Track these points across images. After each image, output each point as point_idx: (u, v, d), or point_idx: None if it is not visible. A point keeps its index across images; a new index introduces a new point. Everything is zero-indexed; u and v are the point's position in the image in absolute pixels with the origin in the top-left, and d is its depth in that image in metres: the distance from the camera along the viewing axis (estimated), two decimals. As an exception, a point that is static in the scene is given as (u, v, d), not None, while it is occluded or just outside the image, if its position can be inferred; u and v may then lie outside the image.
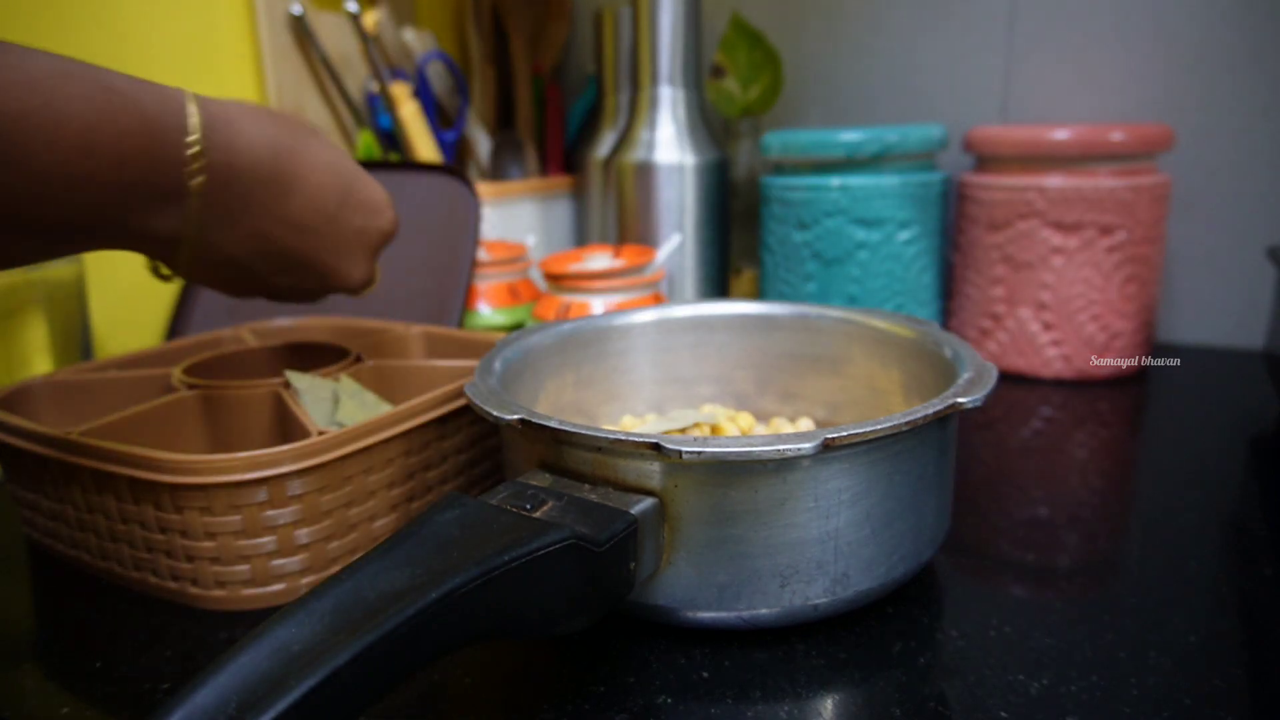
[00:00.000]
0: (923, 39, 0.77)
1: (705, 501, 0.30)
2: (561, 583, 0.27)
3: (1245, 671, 0.30)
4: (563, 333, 0.46)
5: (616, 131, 0.82)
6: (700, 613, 0.32)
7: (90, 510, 0.38)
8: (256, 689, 0.20)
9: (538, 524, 0.27)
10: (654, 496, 0.30)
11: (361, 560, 0.25)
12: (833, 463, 0.30)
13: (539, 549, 0.26)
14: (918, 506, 0.33)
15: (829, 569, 0.31)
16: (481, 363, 0.40)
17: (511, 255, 0.72)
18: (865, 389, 0.46)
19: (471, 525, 0.27)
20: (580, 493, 0.31)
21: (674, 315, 0.49)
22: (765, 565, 0.31)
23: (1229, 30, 0.67)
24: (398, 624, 0.22)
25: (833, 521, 0.31)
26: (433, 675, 0.32)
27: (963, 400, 0.32)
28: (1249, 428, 0.54)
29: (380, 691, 0.22)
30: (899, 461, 0.32)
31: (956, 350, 0.39)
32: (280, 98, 0.74)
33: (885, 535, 0.32)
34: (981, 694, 0.30)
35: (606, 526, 0.28)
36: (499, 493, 0.30)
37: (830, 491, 0.31)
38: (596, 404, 0.48)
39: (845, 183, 0.64)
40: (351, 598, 0.23)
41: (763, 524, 0.30)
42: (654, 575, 0.32)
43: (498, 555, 0.25)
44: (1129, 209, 0.61)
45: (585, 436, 0.31)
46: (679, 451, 0.29)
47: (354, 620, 0.22)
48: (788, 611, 0.32)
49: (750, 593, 0.31)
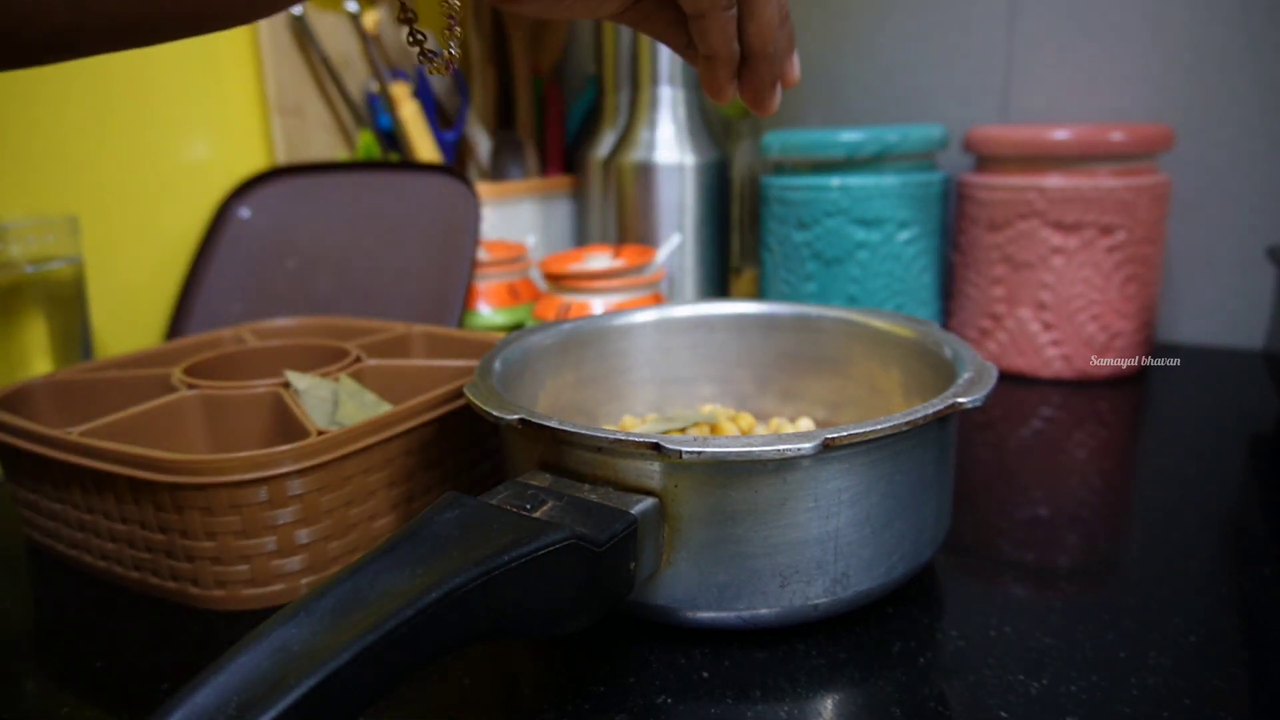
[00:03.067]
0: (923, 39, 0.77)
1: (705, 501, 0.30)
2: (562, 583, 0.27)
3: (1245, 671, 0.30)
4: (563, 332, 0.46)
5: (616, 131, 0.82)
6: (700, 613, 0.32)
7: (90, 510, 0.38)
8: (256, 689, 0.20)
9: (538, 524, 0.27)
10: (654, 496, 0.30)
11: (362, 560, 0.25)
12: (832, 463, 0.30)
13: (539, 549, 0.26)
14: (918, 507, 0.33)
15: (829, 569, 0.31)
16: (481, 362, 0.40)
17: (511, 255, 0.72)
18: (866, 389, 0.46)
19: (471, 525, 0.27)
20: (580, 493, 0.31)
21: (674, 315, 0.49)
22: (765, 565, 0.31)
23: (1229, 30, 0.67)
24: (398, 624, 0.22)
25: (833, 522, 0.31)
26: (432, 676, 0.32)
27: (963, 400, 0.32)
28: (1249, 428, 0.54)
29: (381, 691, 0.22)
30: (899, 462, 0.32)
31: (956, 350, 0.39)
32: (280, 97, 0.74)
33: (885, 535, 0.32)
34: (981, 694, 0.30)
35: (607, 526, 0.28)
36: (499, 493, 0.30)
37: (830, 492, 0.31)
38: (597, 404, 0.48)
39: (845, 183, 0.64)
40: (352, 598, 0.23)
41: (763, 524, 0.30)
42: (654, 575, 0.32)
43: (498, 555, 0.25)
44: (1129, 209, 0.61)
45: (585, 437, 0.31)
46: (679, 451, 0.29)
47: (354, 620, 0.22)
48: (788, 611, 0.32)
49: (750, 593, 0.31)
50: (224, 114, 0.72)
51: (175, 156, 0.68)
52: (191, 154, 0.70)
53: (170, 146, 0.68)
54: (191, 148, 0.70)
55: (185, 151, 0.70)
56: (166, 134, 0.68)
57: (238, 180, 0.73)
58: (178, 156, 0.69)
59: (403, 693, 0.31)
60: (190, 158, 0.70)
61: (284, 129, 0.75)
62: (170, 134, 0.68)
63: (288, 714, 0.19)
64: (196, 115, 0.70)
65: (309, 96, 0.78)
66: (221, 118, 0.72)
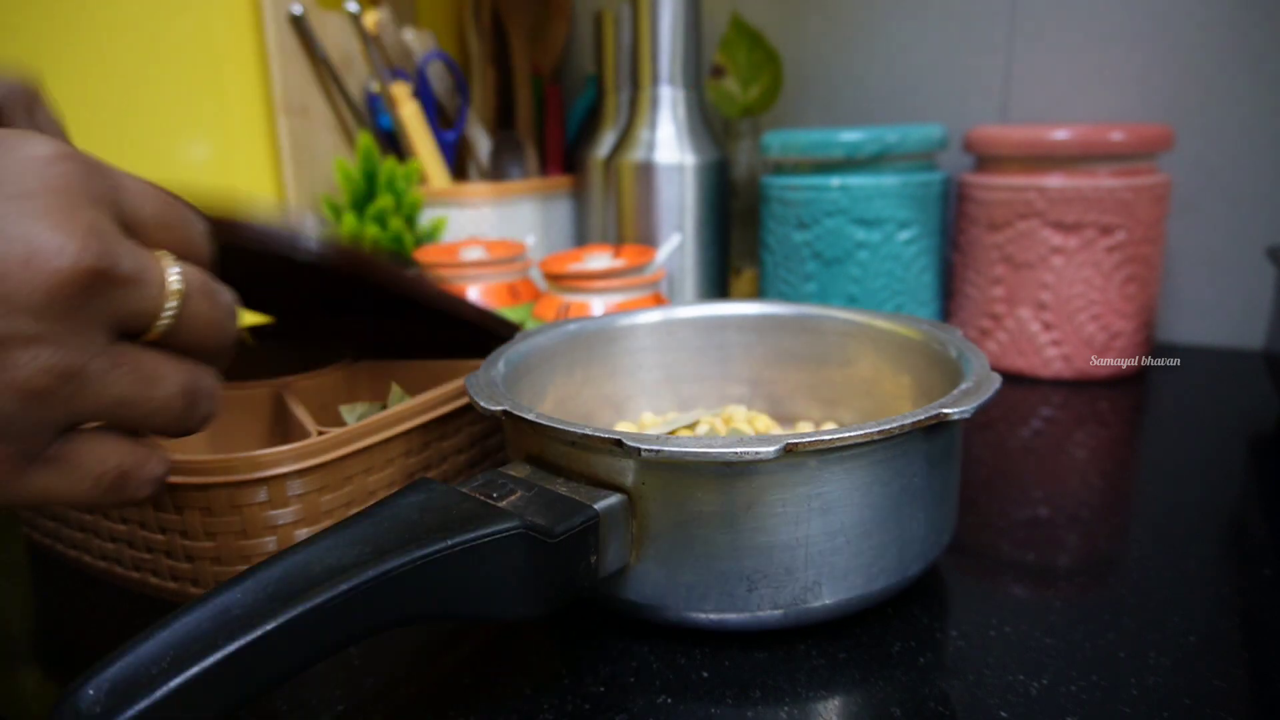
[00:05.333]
0: (923, 39, 0.77)
1: (672, 500, 0.31)
2: (507, 570, 0.28)
3: (1245, 671, 0.30)
4: (569, 332, 0.46)
5: (616, 131, 0.82)
6: (669, 612, 0.32)
7: (90, 511, 0.38)
8: (191, 646, 0.22)
9: (495, 512, 0.29)
10: (623, 493, 0.31)
11: (319, 535, 0.27)
12: (802, 468, 0.30)
13: (485, 536, 0.27)
14: (902, 519, 0.32)
15: (799, 576, 0.31)
16: (486, 361, 0.40)
17: (511, 255, 0.72)
18: (907, 401, 0.44)
19: (431, 509, 0.28)
20: (552, 485, 0.31)
21: (713, 313, 0.49)
22: (732, 568, 0.31)
23: (1229, 30, 0.67)
24: (330, 597, 0.24)
25: (803, 529, 0.30)
26: (432, 673, 0.32)
27: (950, 411, 0.31)
28: (1249, 428, 0.54)
29: (312, 658, 0.24)
30: (878, 471, 0.31)
31: (963, 352, 0.38)
32: (286, 97, 0.74)
33: (863, 546, 0.31)
34: (981, 694, 0.30)
35: (564, 519, 0.29)
36: (475, 480, 0.32)
37: (799, 498, 0.30)
38: (623, 399, 0.48)
39: (845, 183, 0.64)
40: (298, 570, 0.25)
41: (729, 526, 0.30)
42: (625, 570, 0.32)
43: (441, 539, 0.27)
44: (1129, 209, 0.61)
45: (559, 430, 0.31)
46: (638, 449, 0.29)
47: (294, 591, 0.24)
48: (755, 617, 0.32)
49: (717, 595, 0.31)
50: (227, 114, 0.72)
51: (177, 156, 0.68)
52: (193, 154, 0.70)
53: (172, 146, 0.68)
54: (193, 148, 0.70)
55: (187, 152, 0.70)
56: (167, 134, 0.68)
57: (240, 180, 0.73)
58: (180, 156, 0.69)
59: (401, 690, 0.31)
60: (192, 158, 0.70)
61: (290, 129, 0.75)
62: (171, 134, 0.68)
63: (212, 669, 0.22)
64: (199, 115, 0.70)
65: (313, 96, 0.78)
66: (224, 118, 0.72)
